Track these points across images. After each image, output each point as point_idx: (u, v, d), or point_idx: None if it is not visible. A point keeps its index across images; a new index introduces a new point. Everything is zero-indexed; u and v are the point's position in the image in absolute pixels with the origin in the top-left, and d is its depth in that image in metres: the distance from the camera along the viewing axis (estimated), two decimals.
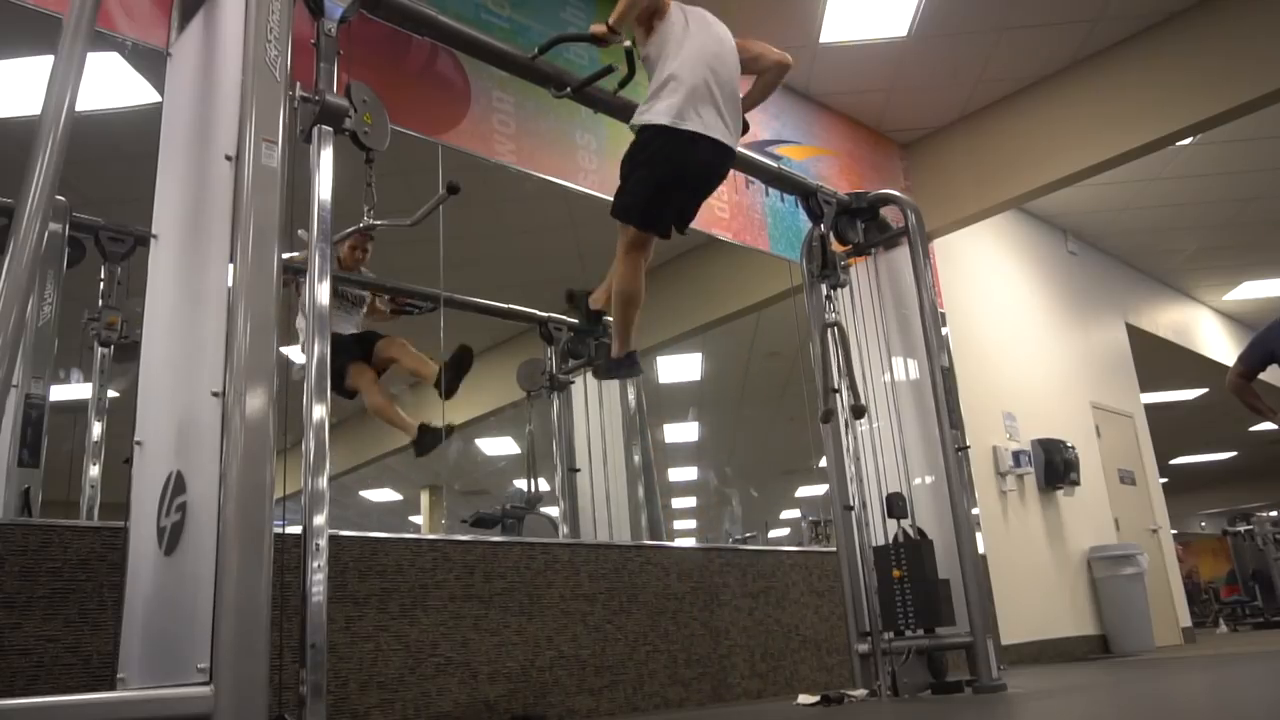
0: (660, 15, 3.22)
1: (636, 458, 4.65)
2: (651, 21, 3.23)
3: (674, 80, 3.08)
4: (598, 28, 3.19)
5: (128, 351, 2.89)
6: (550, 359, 4.69)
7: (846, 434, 4.00)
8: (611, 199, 3.23)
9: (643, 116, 3.13)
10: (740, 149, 3.43)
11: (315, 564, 2.22)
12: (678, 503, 5.65)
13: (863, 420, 3.92)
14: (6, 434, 2.55)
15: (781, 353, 5.37)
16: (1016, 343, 7.05)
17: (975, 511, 5.77)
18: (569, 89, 3.43)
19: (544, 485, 4.64)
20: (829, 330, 3.96)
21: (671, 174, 3.11)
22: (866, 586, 3.79)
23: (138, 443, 2.14)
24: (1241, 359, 4.75)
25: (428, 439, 3.66)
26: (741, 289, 3.21)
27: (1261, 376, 4.74)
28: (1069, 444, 6.87)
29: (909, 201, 4.15)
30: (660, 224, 3.19)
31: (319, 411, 2.35)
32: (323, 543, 2.24)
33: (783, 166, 4.26)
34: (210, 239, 2.02)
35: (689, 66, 3.12)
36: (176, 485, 1.93)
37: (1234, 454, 16.10)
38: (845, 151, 5.83)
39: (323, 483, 2.31)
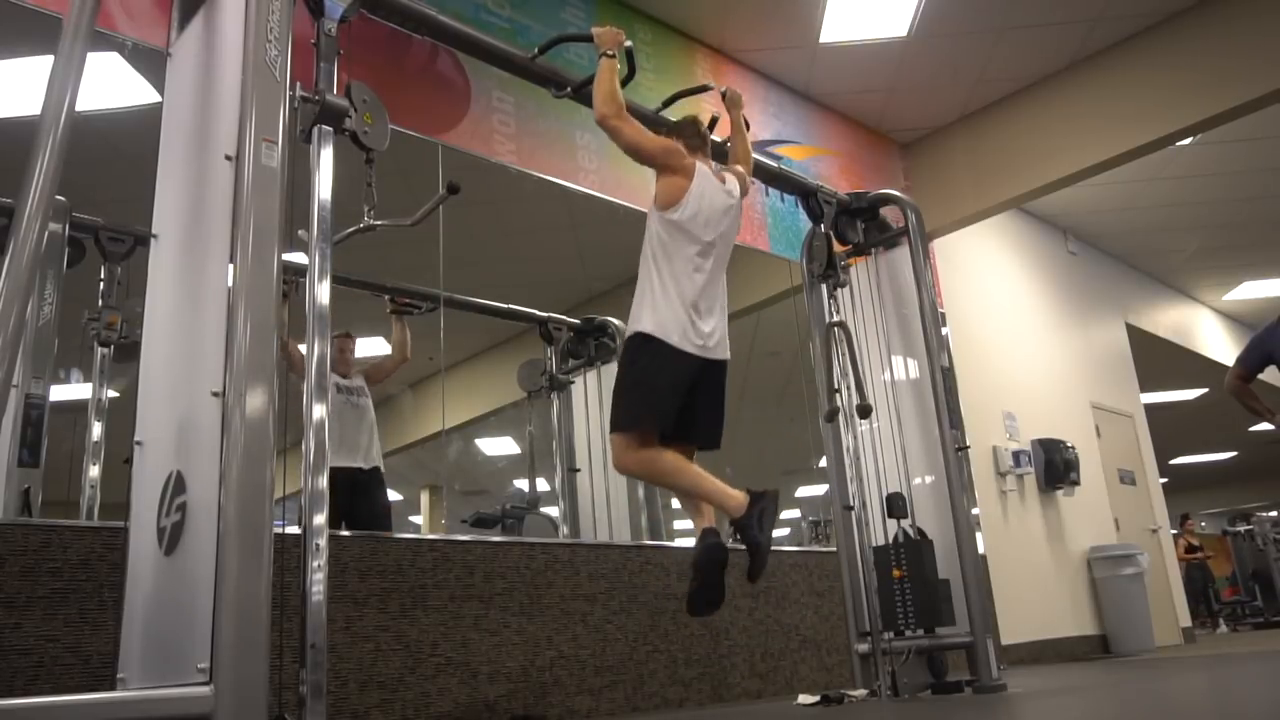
0: (672, 199, 2.95)
1: None
2: (670, 176, 2.97)
3: (680, 291, 2.90)
4: (598, 29, 3.19)
5: (128, 351, 2.88)
6: (550, 359, 4.69)
7: (847, 434, 4.00)
8: (612, 199, 3.20)
9: (644, 325, 2.89)
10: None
11: (315, 564, 2.22)
12: (678, 502, 5.64)
13: (864, 420, 3.92)
14: (6, 434, 2.54)
15: (781, 353, 5.36)
16: (1016, 343, 7.05)
17: (975, 511, 5.76)
18: (569, 89, 3.43)
19: (544, 485, 4.64)
20: (833, 330, 3.96)
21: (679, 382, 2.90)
22: (866, 586, 3.79)
23: (138, 443, 2.14)
24: (1240, 361, 4.75)
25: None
26: (741, 289, 3.19)
27: (1261, 377, 4.74)
28: (1069, 444, 6.87)
29: (909, 201, 4.15)
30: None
31: (319, 411, 2.36)
32: (323, 543, 2.24)
33: (783, 166, 4.27)
34: (210, 239, 2.02)
35: (699, 275, 2.92)
36: (176, 485, 1.93)
37: (1234, 454, 16.10)
38: (845, 151, 5.83)
39: (323, 483, 2.31)
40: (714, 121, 3.66)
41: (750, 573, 2.78)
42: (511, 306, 4.63)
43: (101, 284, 2.97)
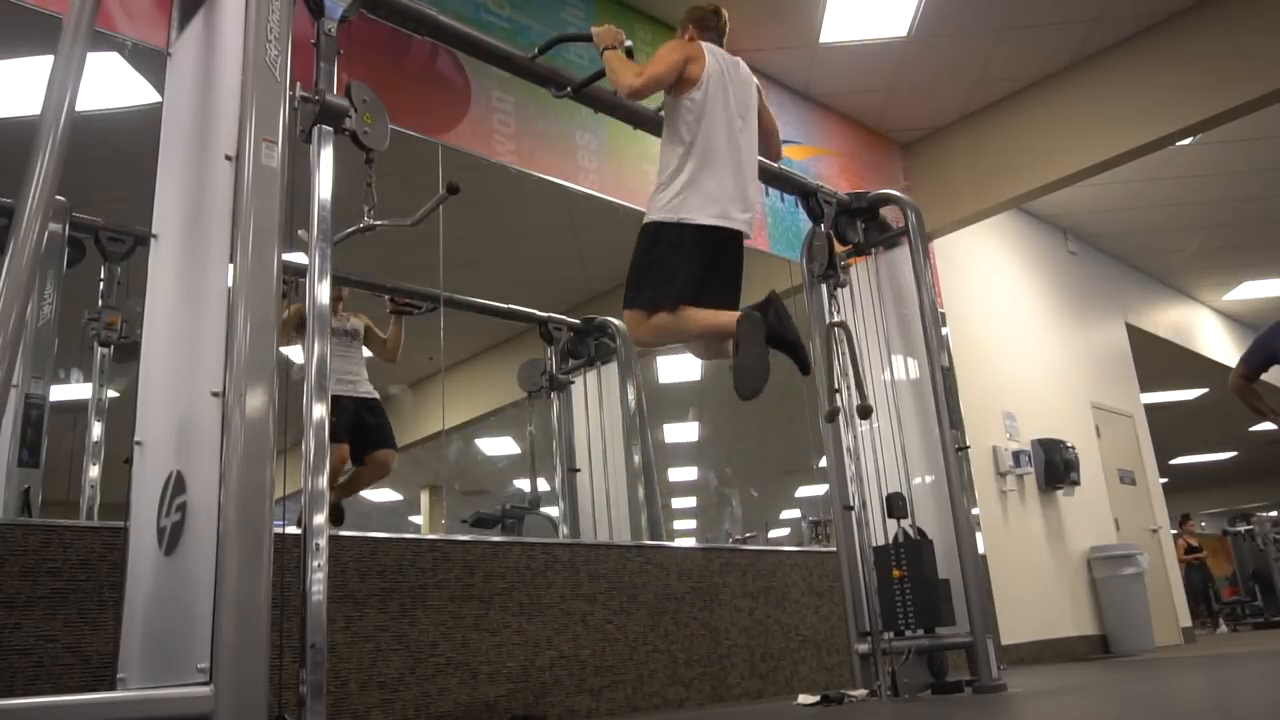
0: (693, 79, 3.01)
1: (636, 458, 4.65)
2: (682, 85, 3.04)
3: (708, 165, 2.97)
4: (598, 28, 3.19)
5: (128, 351, 2.88)
6: (550, 359, 4.70)
7: (847, 434, 4.00)
8: (612, 199, 3.21)
9: (670, 213, 2.95)
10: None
11: (315, 564, 2.22)
12: (678, 503, 5.64)
13: (865, 420, 3.91)
14: (6, 434, 2.54)
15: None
16: (1016, 343, 7.05)
17: (975, 511, 5.76)
18: (569, 89, 3.43)
19: (544, 485, 4.64)
20: (833, 330, 3.96)
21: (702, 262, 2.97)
22: (866, 586, 3.78)
23: (138, 443, 2.13)
24: (1244, 360, 4.73)
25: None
26: (741, 289, 3.19)
27: (1264, 377, 4.73)
28: (1069, 444, 6.87)
29: (909, 201, 4.15)
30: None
31: (319, 411, 2.35)
32: (323, 543, 2.24)
33: (783, 166, 4.26)
34: (210, 239, 2.02)
35: (716, 145, 2.99)
36: (176, 485, 1.93)
37: (1234, 454, 16.10)
38: (845, 151, 5.83)
39: (323, 483, 2.31)
40: None
41: (802, 367, 2.90)
42: (511, 306, 4.63)
43: (101, 284, 2.97)
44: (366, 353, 3.91)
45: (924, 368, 3.91)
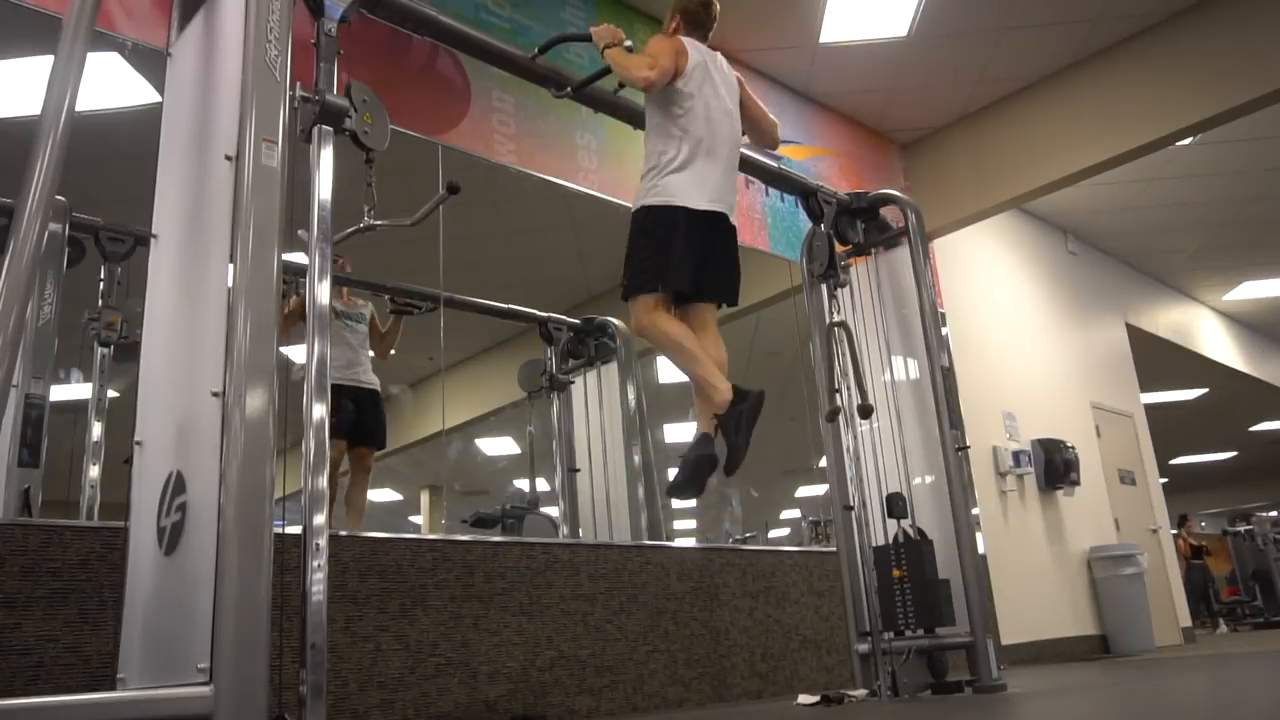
0: (680, 71, 3.07)
1: (636, 458, 4.65)
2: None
3: (688, 148, 3.03)
4: (597, 28, 3.19)
5: (128, 351, 2.89)
6: (550, 359, 4.70)
7: (847, 434, 4.00)
8: (612, 200, 3.22)
9: (660, 196, 2.99)
10: (741, 149, 3.42)
11: (315, 564, 2.22)
12: (678, 503, 5.64)
13: (865, 420, 3.91)
14: (6, 434, 2.55)
15: (781, 353, 5.36)
16: (1016, 343, 7.05)
17: (975, 511, 5.76)
18: (569, 89, 3.43)
19: (544, 485, 4.64)
20: (834, 330, 3.96)
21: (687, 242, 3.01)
22: (866, 586, 3.78)
23: (138, 443, 2.13)
24: None
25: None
26: (742, 289, 3.20)
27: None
28: (1069, 444, 6.87)
29: (909, 201, 4.15)
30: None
31: (319, 411, 2.35)
32: (323, 543, 2.24)
33: (783, 166, 4.26)
34: (210, 239, 2.02)
35: (704, 133, 3.05)
36: (176, 485, 1.93)
37: (1234, 454, 16.09)
38: (845, 151, 5.83)
39: (322, 483, 2.31)
40: None
41: (726, 468, 2.91)
42: (511, 306, 4.63)
43: (101, 284, 2.98)
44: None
45: (924, 368, 3.90)
